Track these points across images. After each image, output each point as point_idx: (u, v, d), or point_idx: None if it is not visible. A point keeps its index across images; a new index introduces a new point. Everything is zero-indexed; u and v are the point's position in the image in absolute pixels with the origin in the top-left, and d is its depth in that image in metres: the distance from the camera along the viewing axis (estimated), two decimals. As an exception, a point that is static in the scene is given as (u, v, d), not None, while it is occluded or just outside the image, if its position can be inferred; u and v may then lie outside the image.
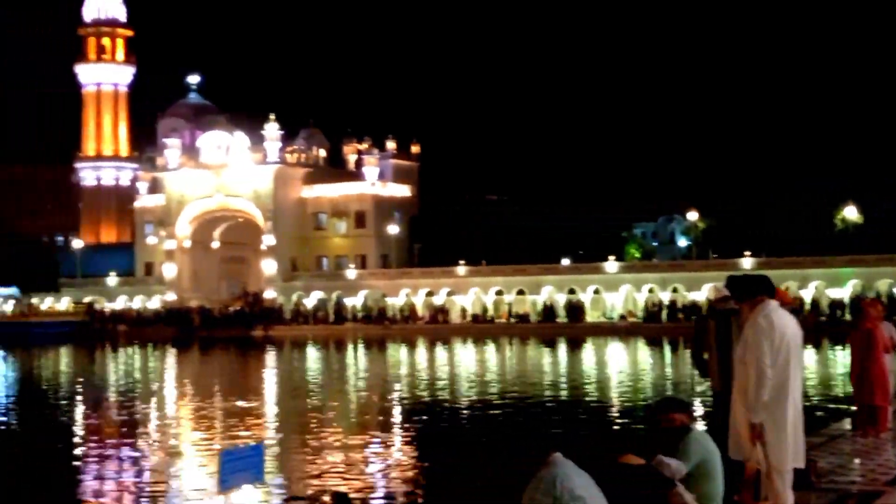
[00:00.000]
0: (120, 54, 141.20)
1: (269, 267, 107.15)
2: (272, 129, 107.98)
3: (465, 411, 32.87)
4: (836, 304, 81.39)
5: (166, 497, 19.08)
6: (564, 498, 5.96)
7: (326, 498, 17.68)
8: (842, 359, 44.30)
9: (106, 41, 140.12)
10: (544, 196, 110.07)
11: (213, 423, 31.63)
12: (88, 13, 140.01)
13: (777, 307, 8.79)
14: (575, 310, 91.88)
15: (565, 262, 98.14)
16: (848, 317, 73.29)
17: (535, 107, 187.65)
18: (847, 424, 15.36)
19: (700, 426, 8.75)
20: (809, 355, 49.39)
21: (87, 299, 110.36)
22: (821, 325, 72.24)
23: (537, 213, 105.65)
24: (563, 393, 38.98)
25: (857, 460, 12.28)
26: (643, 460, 7.69)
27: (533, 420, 29.69)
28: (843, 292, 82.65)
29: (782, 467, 8.57)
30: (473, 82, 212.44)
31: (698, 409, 22.42)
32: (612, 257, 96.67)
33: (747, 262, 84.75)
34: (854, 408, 15.40)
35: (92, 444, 27.05)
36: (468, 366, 54.16)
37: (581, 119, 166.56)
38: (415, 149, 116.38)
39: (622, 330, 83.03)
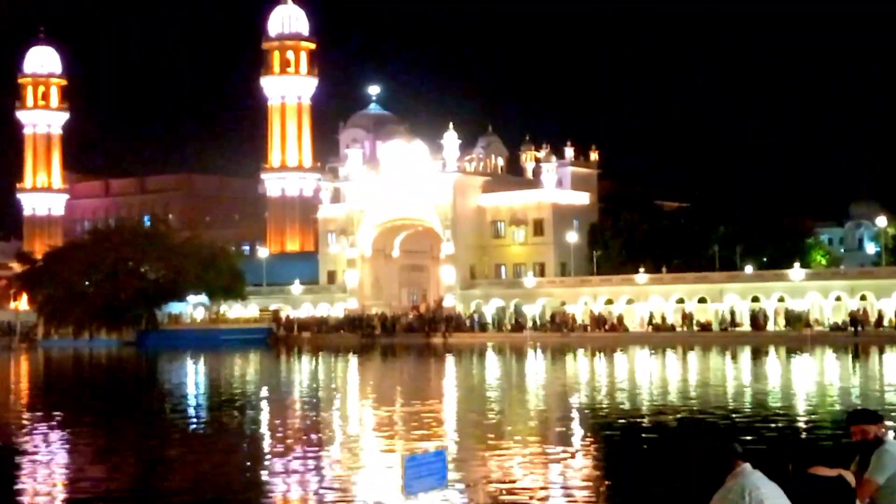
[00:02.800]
0: (303, 67, 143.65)
1: (447, 275, 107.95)
2: (451, 138, 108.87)
3: (644, 421, 32.07)
4: None
5: (352, 498, 19.19)
6: None
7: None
8: None
9: (290, 54, 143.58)
10: (725, 202, 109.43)
11: (396, 428, 31.58)
12: (273, 27, 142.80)
13: None
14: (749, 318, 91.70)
15: (748, 269, 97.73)
16: None
17: (715, 110, 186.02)
18: None
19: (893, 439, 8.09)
20: None
21: (272, 307, 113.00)
22: None
23: (718, 220, 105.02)
24: (746, 403, 37.65)
25: None
26: (834, 472, 7.60)
27: (711, 429, 28.46)
28: None
29: None
30: (653, 88, 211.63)
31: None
32: (796, 264, 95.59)
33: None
34: None
35: (278, 448, 27.74)
36: (647, 375, 53.28)
37: (762, 120, 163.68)
38: (594, 155, 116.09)
39: (807, 339, 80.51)
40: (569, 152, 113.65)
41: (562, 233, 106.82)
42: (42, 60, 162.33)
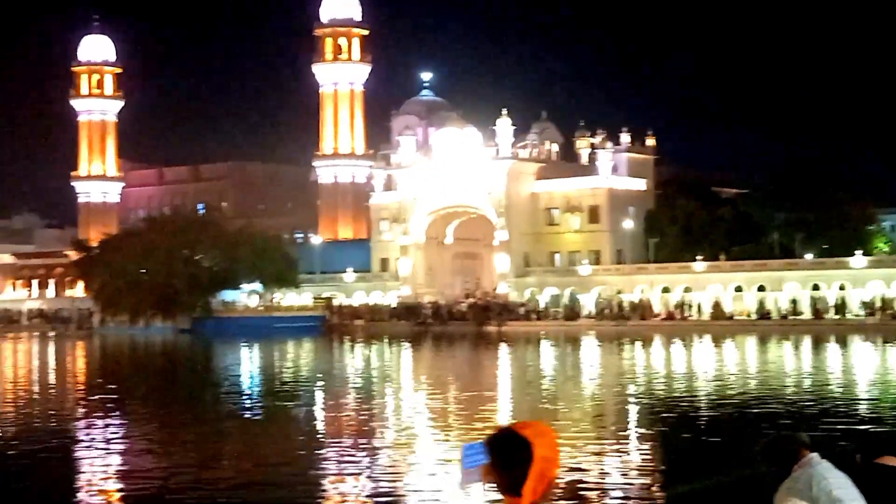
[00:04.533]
0: (356, 53, 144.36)
1: (501, 263, 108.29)
2: (504, 125, 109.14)
3: (702, 410, 32.42)
4: None
5: (408, 488, 19.25)
6: (822, 499, 5.84)
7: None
8: None
9: (342, 41, 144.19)
10: (784, 190, 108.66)
11: (450, 416, 32.17)
12: (325, 14, 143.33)
13: None
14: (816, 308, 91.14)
15: (808, 256, 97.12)
16: None
17: (773, 96, 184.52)
18: None
19: None
20: None
21: (325, 294, 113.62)
22: None
23: (777, 207, 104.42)
24: (807, 393, 37.37)
25: None
26: None
27: (775, 419, 28.65)
28: None
29: None
30: (710, 72, 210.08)
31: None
32: (858, 252, 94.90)
33: None
34: None
35: (331, 436, 28.22)
36: (706, 364, 52.90)
37: (823, 105, 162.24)
38: (650, 142, 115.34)
39: (870, 328, 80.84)
40: (624, 138, 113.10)
41: (617, 220, 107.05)
42: (96, 48, 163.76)
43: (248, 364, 59.21)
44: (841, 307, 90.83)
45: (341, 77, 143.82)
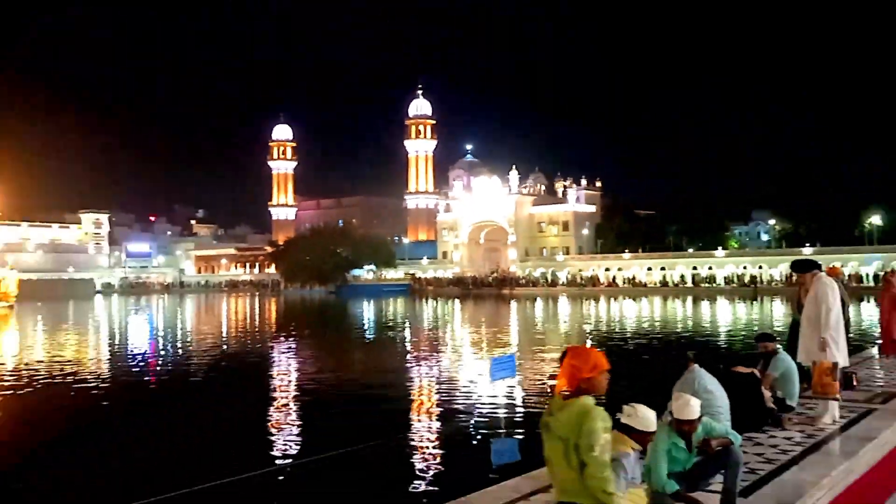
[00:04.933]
0: (428, 134, 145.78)
1: (512, 254, 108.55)
2: (513, 175, 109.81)
3: (629, 337, 30.89)
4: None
5: (459, 383, 18.00)
6: (700, 392, 5.61)
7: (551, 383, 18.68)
8: (868, 309, 41.50)
9: (421, 127, 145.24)
10: (676, 209, 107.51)
11: (483, 340, 31.26)
12: (412, 111, 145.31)
13: (824, 275, 8.46)
14: (695, 279, 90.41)
15: (690, 250, 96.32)
16: (871, 284, 70.20)
17: (678, 146, 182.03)
18: (875, 351, 14.04)
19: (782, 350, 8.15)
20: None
21: (411, 271, 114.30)
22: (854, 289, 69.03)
23: (672, 221, 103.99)
24: (689, 328, 36.58)
25: (882, 372, 11.27)
26: (748, 370, 7.42)
27: (670, 342, 27.77)
28: (870, 269, 78.80)
29: (839, 363, 8.02)
30: (636, 132, 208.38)
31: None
32: (720, 247, 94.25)
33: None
34: (880, 340, 14.10)
35: (415, 351, 27.43)
36: (630, 311, 52.27)
37: (704, 151, 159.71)
38: (598, 183, 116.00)
39: (727, 292, 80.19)
40: (583, 182, 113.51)
41: (579, 229, 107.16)
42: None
43: (367, 311, 59.60)
44: (711, 279, 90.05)
45: (420, 147, 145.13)
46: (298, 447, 11.63)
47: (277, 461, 10.62)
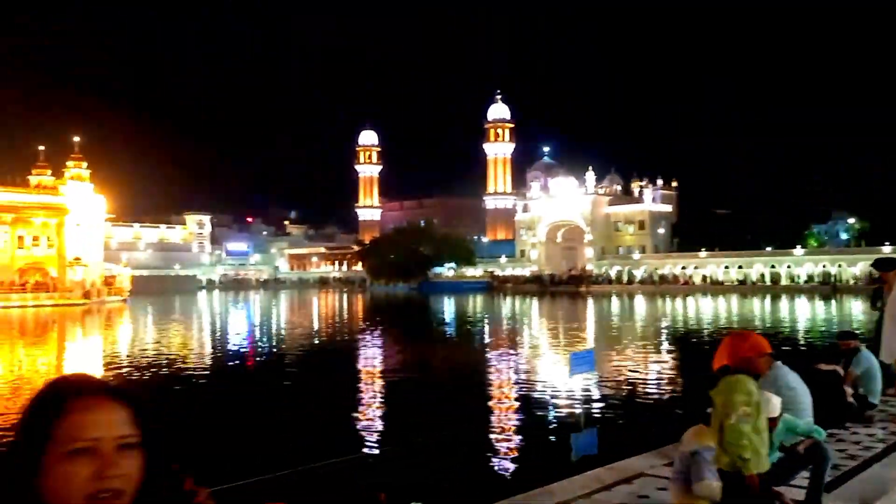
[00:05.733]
0: (506, 137, 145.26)
1: (588, 252, 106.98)
2: (590, 176, 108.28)
3: (709, 336, 30.25)
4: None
5: (538, 377, 17.89)
6: (783, 389, 5.48)
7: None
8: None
9: (499, 130, 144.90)
10: (750, 209, 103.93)
11: (560, 336, 30.89)
12: (490, 115, 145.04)
13: None
14: (773, 278, 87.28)
15: (768, 248, 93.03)
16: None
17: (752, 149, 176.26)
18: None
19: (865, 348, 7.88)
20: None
21: (490, 269, 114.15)
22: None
23: (747, 221, 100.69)
24: (769, 324, 35.20)
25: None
26: (830, 367, 7.18)
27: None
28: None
29: None
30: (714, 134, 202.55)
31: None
32: (798, 246, 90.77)
33: None
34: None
35: (494, 346, 27.10)
36: (705, 310, 51.13)
37: (775, 151, 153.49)
38: (674, 183, 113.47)
39: (805, 290, 77.05)
40: (659, 181, 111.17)
41: (655, 228, 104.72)
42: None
43: (448, 307, 59.80)
44: (790, 278, 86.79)
45: (498, 150, 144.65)
46: (383, 436, 11.84)
47: (364, 449, 10.85)
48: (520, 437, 11.55)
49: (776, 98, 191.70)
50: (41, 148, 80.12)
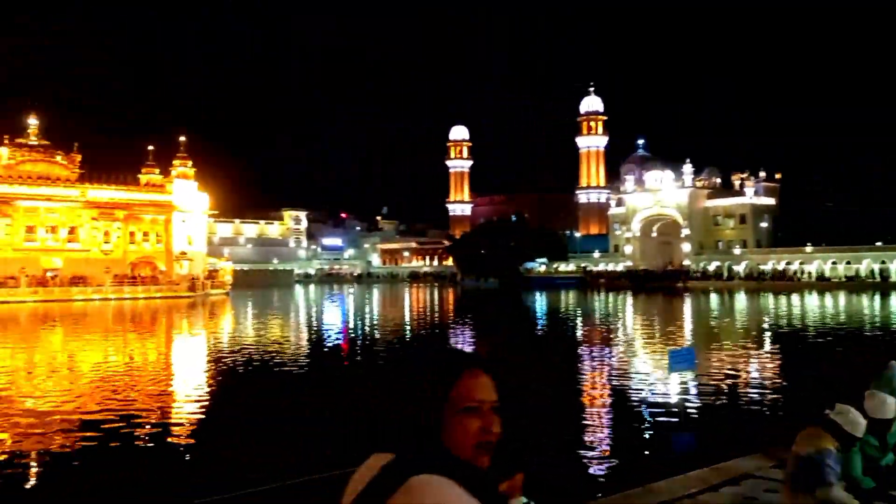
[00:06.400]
0: (599, 130, 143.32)
1: (686, 247, 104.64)
2: (687, 168, 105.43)
3: (816, 335, 28.66)
4: None
5: (634, 374, 17.04)
6: None
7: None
8: None
9: (592, 123, 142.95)
10: (867, 200, 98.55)
11: (657, 333, 30.36)
12: (583, 108, 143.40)
13: None
14: (883, 274, 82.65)
15: (878, 243, 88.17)
16: None
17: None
18: None
19: None
20: None
21: (582, 265, 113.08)
22: None
23: (859, 215, 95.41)
24: (878, 325, 33.70)
25: None
26: None
27: (859, 337, 26.35)
28: None
29: None
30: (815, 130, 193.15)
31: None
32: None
33: None
34: None
35: (587, 343, 27.13)
36: (811, 307, 48.94)
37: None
38: (777, 175, 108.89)
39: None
40: (761, 174, 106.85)
41: (757, 222, 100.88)
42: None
43: (539, 302, 59.61)
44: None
45: (591, 143, 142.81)
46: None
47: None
48: (616, 434, 11.44)
49: (887, 87, 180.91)
50: (150, 148, 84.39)
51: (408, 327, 35.26)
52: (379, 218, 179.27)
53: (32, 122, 74.92)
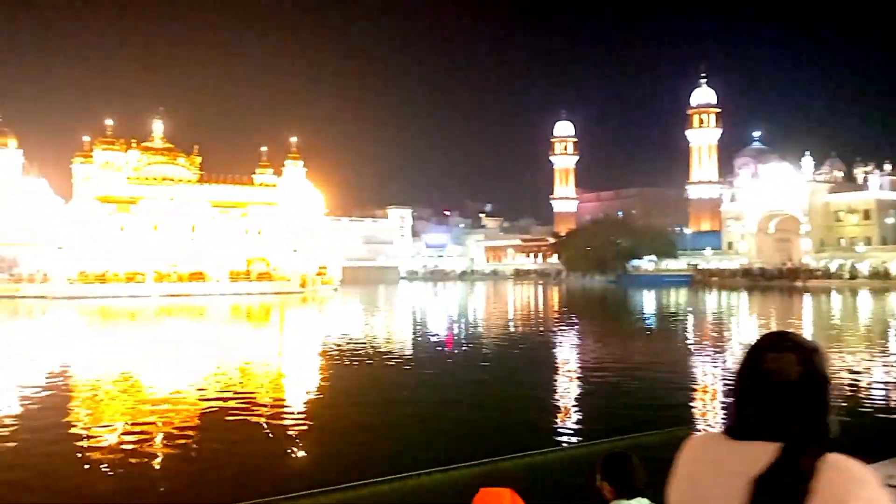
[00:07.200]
0: (712, 123, 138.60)
1: (805, 244, 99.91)
2: (807, 161, 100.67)
3: None
4: None
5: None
6: None
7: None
8: None
9: (704, 116, 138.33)
10: None
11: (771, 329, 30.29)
12: (694, 100, 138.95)
13: None
14: None
15: None
16: None
17: None
18: None
19: None
20: None
21: (693, 262, 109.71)
22: None
23: None
24: None
25: None
26: None
27: None
28: None
29: None
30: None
31: None
32: None
33: None
34: None
35: (698, 342, 26.59)
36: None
37: None
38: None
39: None
40: (887, 166, 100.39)
41: (883, 218, 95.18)
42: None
43: (647, 302, 58.41)
44: None
45: (703, 137, 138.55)
46: (579, 429, 11.88)
47: (561, 440, 10.97)
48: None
49: None
50: (264, 148, 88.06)
51: (513, 326, 35.23)
52: (482, 215, 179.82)
53: (157, 126, 79.85)
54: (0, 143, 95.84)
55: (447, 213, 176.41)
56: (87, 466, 9.85)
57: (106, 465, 9.87)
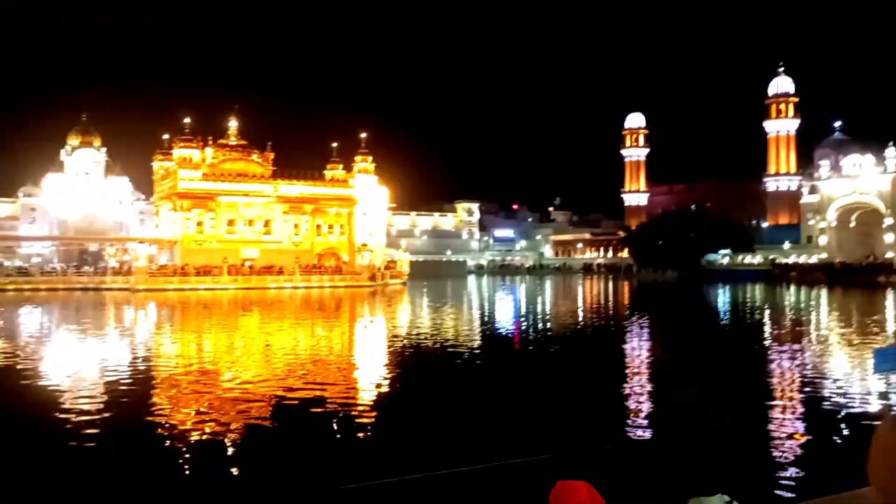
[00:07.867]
0: (790, 113, 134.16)
1: (888, 238, 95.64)
2: (890, 152, 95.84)
3: None
4: None
5: (830, 374, 16.45)
6: None
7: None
8: None
9: (782, 106, 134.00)
10: None
11: (857, 330, 28.10)
12: (771, 90, 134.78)
13: None
14: None
15: None
16: None
17: None
18: None
19: None
20: None
21: (770, 256, 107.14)
22: None
23: None
24: None
25: None
26: None
27: None
28: None
29: None
30: None
31: None
32: None
33: None
34: None
35: (774, 339, 25.52)
36: None
37: None
38: None
39: None
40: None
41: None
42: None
43: (722, 297, 57.16)
44: None
45: (781, 127, 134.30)
46: (651, 422, 11.72)
47: (629, 434, 10.85)
48: (806, 437, 10.83)
49: None
50: (334, 144, 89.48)
51: (583, 321, 34.93)
52: (551, 209, 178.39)
53: (232, 123, 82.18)
54: (85, 142, 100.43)
55: (515, 207, 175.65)
56: (162, 456, 10.23)
57: (183, 458, 10.23)
